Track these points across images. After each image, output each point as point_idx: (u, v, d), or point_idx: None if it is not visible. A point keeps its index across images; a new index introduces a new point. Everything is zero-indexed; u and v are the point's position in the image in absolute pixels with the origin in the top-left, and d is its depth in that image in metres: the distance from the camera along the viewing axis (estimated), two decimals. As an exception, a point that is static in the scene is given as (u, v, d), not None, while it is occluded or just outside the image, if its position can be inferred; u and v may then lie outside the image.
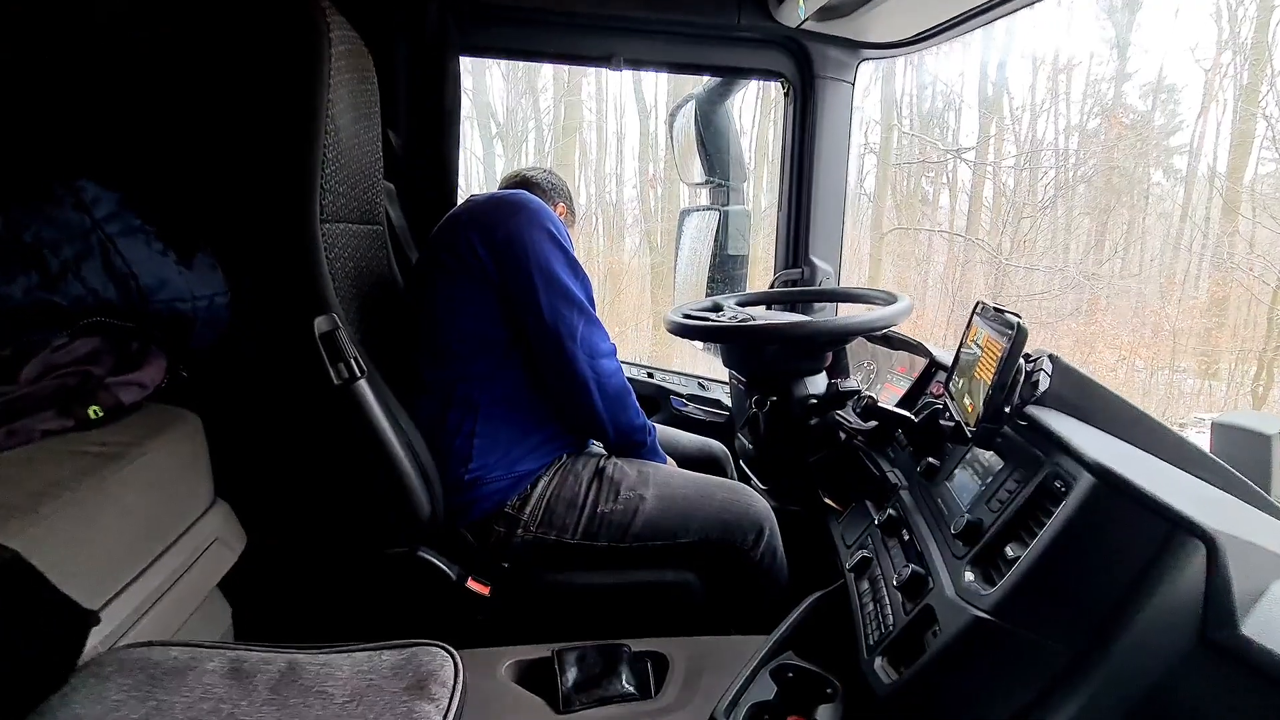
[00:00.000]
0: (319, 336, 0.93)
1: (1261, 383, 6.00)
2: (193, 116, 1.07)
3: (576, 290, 1.10)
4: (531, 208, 1.09)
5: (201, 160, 1.07)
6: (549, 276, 1.07)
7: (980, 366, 0.83)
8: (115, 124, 1.02)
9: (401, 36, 1.49)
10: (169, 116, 1.06)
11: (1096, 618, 0.57)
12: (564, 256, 1.10)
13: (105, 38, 1.03)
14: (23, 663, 0.47)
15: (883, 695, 0.70)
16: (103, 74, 1.02)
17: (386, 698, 0.54)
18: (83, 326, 0.84)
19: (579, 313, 1.10)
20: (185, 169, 1.06)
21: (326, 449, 1.05)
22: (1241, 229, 6.32)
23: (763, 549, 1.14)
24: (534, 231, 1.07)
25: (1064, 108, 7.15)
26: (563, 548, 1.10)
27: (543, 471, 1.14)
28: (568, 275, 1.09)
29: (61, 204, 0.82)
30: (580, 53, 1.63)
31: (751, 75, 1.75)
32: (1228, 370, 6.33)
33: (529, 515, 1.10)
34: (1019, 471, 0.75)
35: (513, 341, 1.11)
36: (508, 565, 1.11)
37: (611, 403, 1.15)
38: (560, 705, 0.85)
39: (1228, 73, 6.56)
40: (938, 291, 7.20)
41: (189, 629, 0.84)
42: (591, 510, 1.10)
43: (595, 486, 1.13)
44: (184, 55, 1.06)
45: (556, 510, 1.10)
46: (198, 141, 1.07)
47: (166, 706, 0.52)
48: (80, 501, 0.67)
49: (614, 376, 1.15)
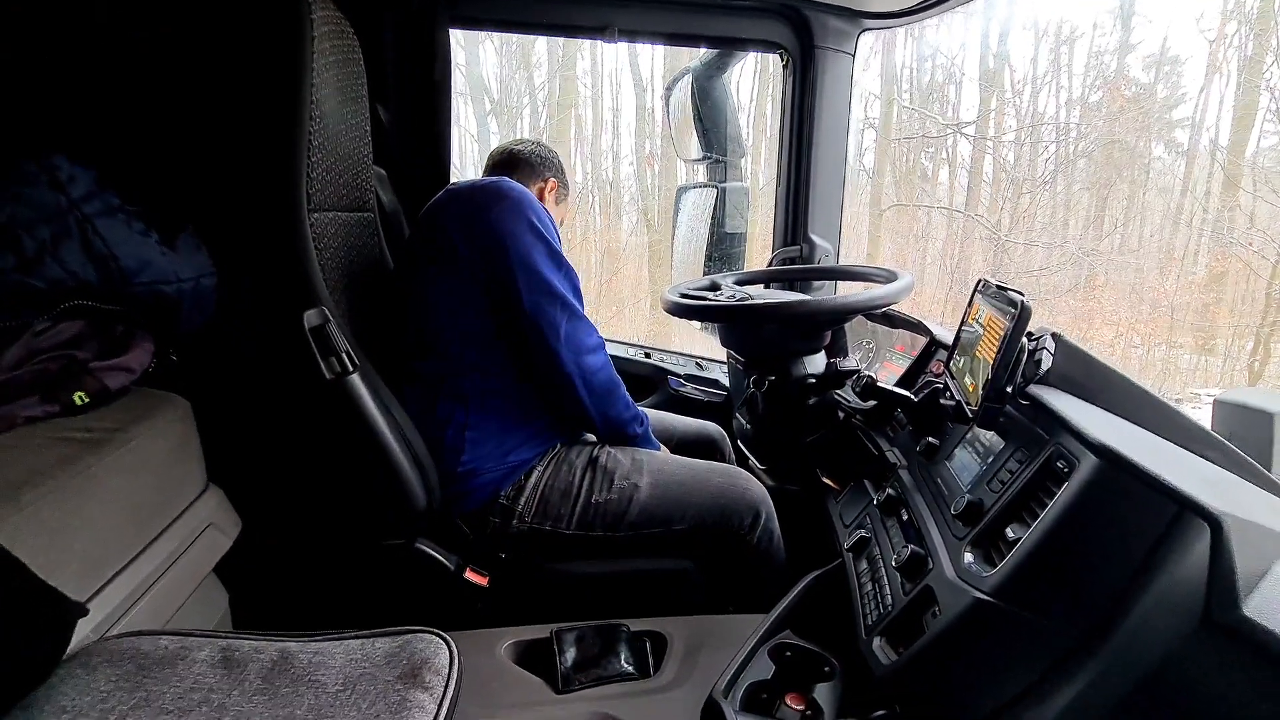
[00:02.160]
0: (309, 330, 0.91)
1: (1258, 358, 6.01)
2: (173, 97, 1.03)
3: (559, 284, 1.07)
4: (512, 197, 1.05)
5: (184, 142, 1.04)
6: (530, 271, 1.04)
7: (982, 345, 0.81)
8: (91, 101, 0.99)
9: (387, 8, 1.44)
10: (148, 96, 1.03)
11: (1100, 599, 0.56)
12: (546, 248, 1.06)
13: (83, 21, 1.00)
14: (6, 655, 0.46)
15: (881, 675, 0.70)
16: (75, 52, 0.99)
17: (380, 686, 0.53)
18: (64, 310, 0.81)
19: (562, 308, 1.07)
20: (166, 150, 1.03)
21: (320, 441, 1.04)
22: (1242, 203, 6.28)
23: (760, 532, 1.13)
24: (514, 223, 1.04)
25: (1065, 80, 7.06)
26: (559, 538, 1.09)
27: (536, 461, 1.13)
28: (550, 269, 1.06)
29: (36, 183, 0.79)
30: (574, 23, 1.58)
31: (750, 46, 1.71)
32: (1224, 346, 6.34)
33: (524, 506, 1.09)
34: (1021, 451, 0.74)
35: (498, 333, 1.09)
36: (505, 555, 1.11)
37: (599, 398, 1.13)
38: (559, 685, 0.86)
39: (1232, 44, 6.46)
40: (936, 268, 7.16)
41: (184, 615, 0.84)
42: (586, 500, 1.09)
43: (589, 476, 1.12)
44: (163, 35, 1.02)
45: (551, 500, 1.09)
46: (179, 123, 1.04)
47: (156, 696, 0.51)
48: (64, 489, 0.65)
49: (600, 372, 1.13)
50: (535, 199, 1.08)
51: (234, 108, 0.98)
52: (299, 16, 0.89)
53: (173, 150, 1.03)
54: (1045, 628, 0.58)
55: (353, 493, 1.07)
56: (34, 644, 0.48)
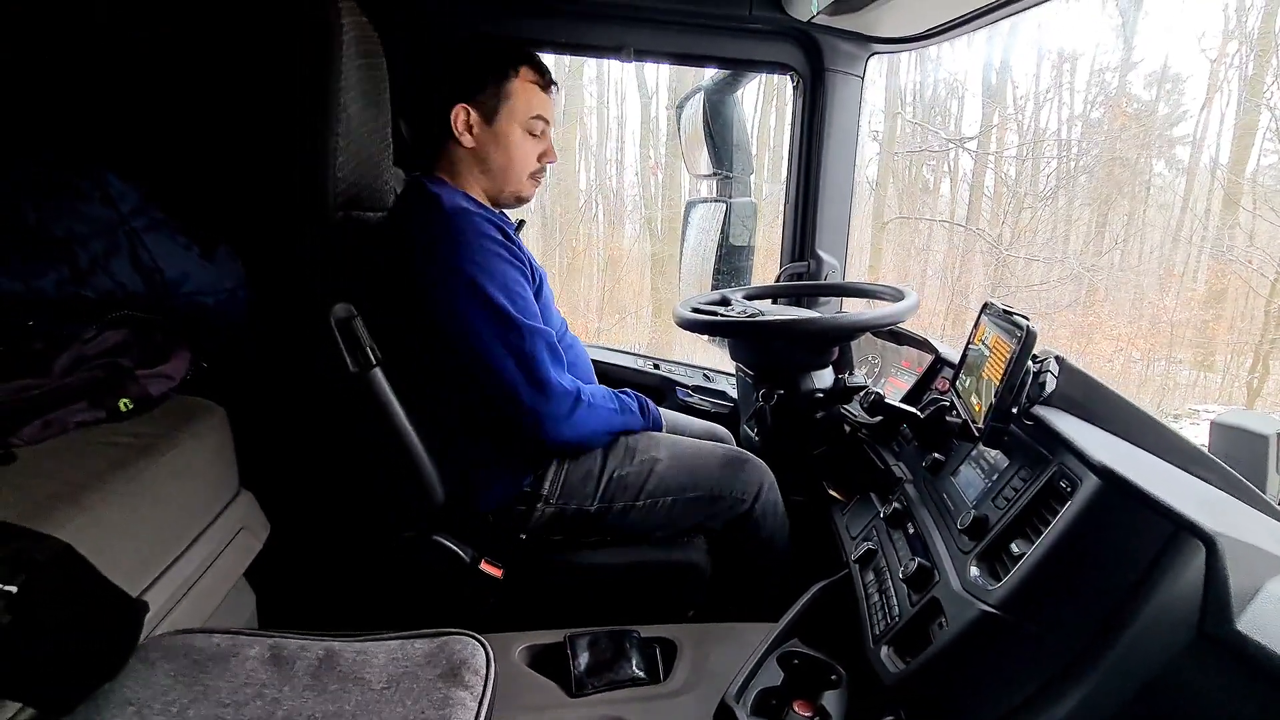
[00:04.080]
0: (336, 324, 0.94)
1: (1256, 375, 6.04)
2: (208, 108, 1.07)
3: (512, 333, 0.98)
4: (445, 238, 0.96)
5: (218, 152, 1.08)
6: (476, 324, 0.97)
7: (989, 366, 0.85)
8: (134, 119, 1.03)
9: (409, 25, 1.48)
10: (185, 110, 1.07)
11: (1100, 614, 0.59)
12: (490, 298, 0.96)
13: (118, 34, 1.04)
14: (83, 651, 0.49)
15: (889, 684, 0.73)
16: (117, 69, 1.03)
17: (422, 684, 0.56)
18: (110, 319, 0.85)
19: (519, 368, 0.99)
20: (203, 162, 1.07)
21: (343, 436, 1.07)
22: (1242, 221, 6.33)
23: (762, 502, 1.18)
24: (449, 276, 0.96)
25: (1068, 97, 7.12)
26: (582, 516, 1.11)
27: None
28: (495, 319, 0.97)
29: (90, 199, 0.83)
30: (589, 42, 1.63)
31: (761, 68, 1.75)
32: (1223, 362, 6.37)
33: (548, 489, 1.10)
34: (1025, 470, 0.77)
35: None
36: (525, 538, 1.12)
37: (591, 437, 1.11)
38: (573, 688, 0.88)
39: (1233, 63, 6.53)
40: (938, 281, 7.20)
41: (218, 616, 0.87)
42: (609, 476, 1.12)
43: (610, 454, 1.14)
44: (198, 48, 1.06)
45: (573, 481, 1.11)
46: (214, 134, 1.07)
47: (213, 691, 0.54)
48: (119, 492, 0.69)
49: (582, 426, 1.06)
50: (468, 223, 1.01)
51: (264, 112, 1.01)
52: (327, 21, 0.93)
53: (207, 158, 1.07)
54: (1048, 640, 0.62)
55: (373, 486, 1.09)
56: (107, 640, 0.52)
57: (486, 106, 1.04)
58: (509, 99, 1.05)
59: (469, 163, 1.07)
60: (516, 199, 1.13)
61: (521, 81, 1.06)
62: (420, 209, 1.00)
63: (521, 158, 1.08)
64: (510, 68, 1.05)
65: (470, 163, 1.07)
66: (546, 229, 7.99)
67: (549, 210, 8.02)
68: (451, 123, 1.03)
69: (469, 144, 1.05)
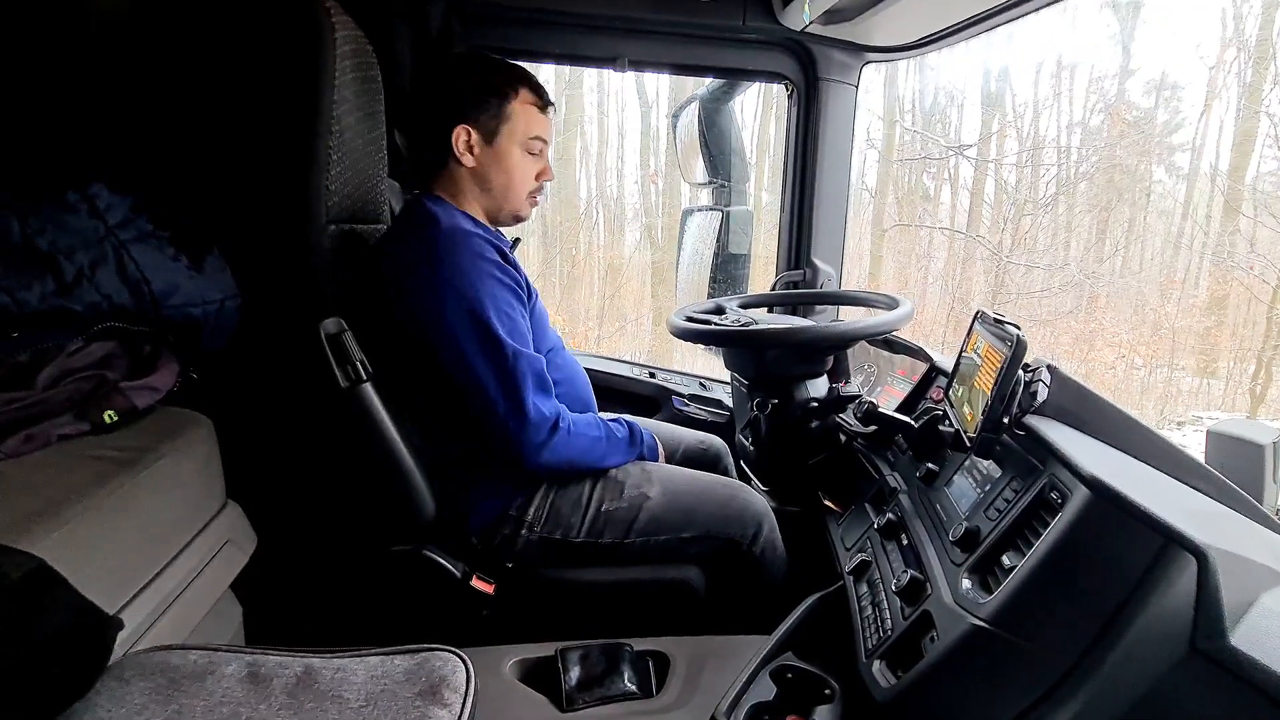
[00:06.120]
0: (326, 339, 0.94)
1: (1259, 381, 6.02)
2: (198, 119, 1.07)
3: (497, 353, 0.98)
4: (440, 257, 0.97)
5: (209, 163, 1.08)
6: (469, 355, 0.98)
7: (980, 375, 0.84)
8: (123, 128, 1.03)
9: (404, 35, 1.49)
10: (175, 119, 1.07)
11: (1091, 628, 0.58)
12: (479, 317, 0.97)
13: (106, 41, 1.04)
14: (52, 669, 0.49)
15: (881, 699, 0.72)
16: (106, 77, 1.03)
17: (400, 703, 0.55)
18: (96, 331, 0.85)
19: (500, 389, 0.99)
20: (192, 172, 1.07)
21: (333, 450, 1.07)
22: (1242, 227, 6.33)
23: (762, 543, 1.15)
24: (442, 294, 0.96)
25: (1067, 104, 7.15)
26: (568, 546, 1.11)
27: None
28: (482, 338, 0.98)
29: (76, 210, 0.83)
30: (585, 53, 1.64)
31: (756, 77, 1.76)
32: (1226, 369, 6.35)
33: (533, 516, 1.10)
34: (1017, 480, 0.76)
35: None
36: (512, 565, 1.13)
37: (570, 464, 1.10)
38: (564, 703, 0.87)
39: (1232, 70, 6.55)
40: (938, 288, 7.21)
41: (202, 630, 0.86)
42: (596, 509, 1.11)
43: (600, 485, 1.13)
44: (188, 57, 1.07)
45: (561, 510, 1.11)
46: (204, 144, 1.08)
47: (188, 710, 0.53)
48: (100, 507, 0.68)
49: (561, 452, 1.06)
50: (463, 244, 1.02)
51: (256, 123, 1.01)
52: (320, 30, 0.93)
53: (197, 169, 1.07)
54: (1038, 655, 0.61)
55: (363, 500, 1.09)
56: (78, 658, 0.51)
57: (487, 127, 1.06)
58: (509, 120, 1.07)
59: (469, 182, 1.09)
60: (515, 218, 1.15)
61: (521, 103, 1.08)
62: (418, 227, 1.01)
63: (521, 177, 1.10)
64: (510, 89, 1.07)
65: (470, 182, 1.09)
66: (547, 237, 8.02)
67: (549, 219, 8.05)
68: (452, 143, 1.05)
69: (470, 164, 1.07)
